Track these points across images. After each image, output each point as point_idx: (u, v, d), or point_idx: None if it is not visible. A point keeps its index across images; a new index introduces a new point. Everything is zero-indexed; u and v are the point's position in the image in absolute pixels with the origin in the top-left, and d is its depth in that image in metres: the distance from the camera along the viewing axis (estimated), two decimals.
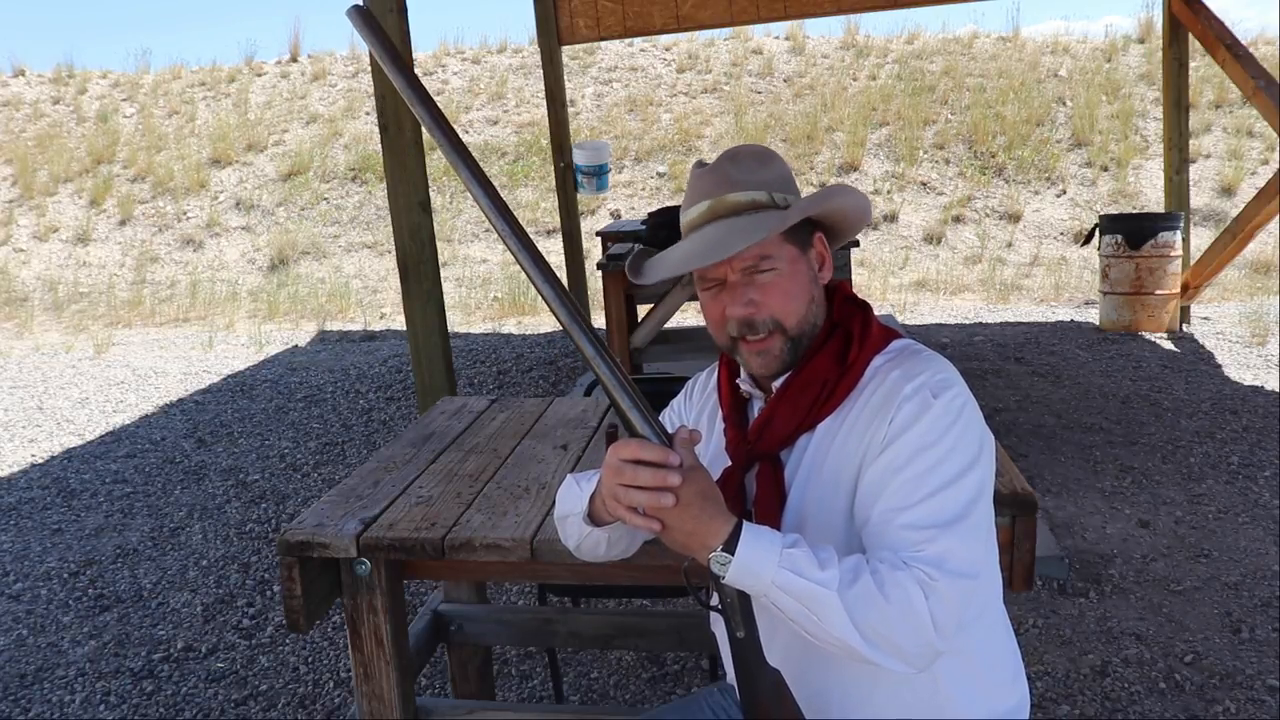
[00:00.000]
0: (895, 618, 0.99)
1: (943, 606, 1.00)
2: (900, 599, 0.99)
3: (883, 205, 9.70)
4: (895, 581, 1.00)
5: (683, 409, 1.40)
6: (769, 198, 1.17)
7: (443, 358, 3.34)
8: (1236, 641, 2.60)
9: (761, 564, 1.00)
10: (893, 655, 1.00)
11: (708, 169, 1.20)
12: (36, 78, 13.58)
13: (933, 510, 1.04)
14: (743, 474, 1.22)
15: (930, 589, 1.00)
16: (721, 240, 1.13)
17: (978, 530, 1.07)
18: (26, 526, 3.93)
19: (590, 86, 12.02)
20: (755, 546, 1.01)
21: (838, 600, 0.98)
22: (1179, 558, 3.09)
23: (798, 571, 0.99)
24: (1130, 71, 11.15)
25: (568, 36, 6.94)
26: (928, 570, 1.01)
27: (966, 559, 1.03)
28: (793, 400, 1.18)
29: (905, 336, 1.24)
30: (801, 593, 0.99)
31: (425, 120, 1.06)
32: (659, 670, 2.63)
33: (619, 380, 1.04)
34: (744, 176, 1.18)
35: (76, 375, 6.51)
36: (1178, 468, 3.84)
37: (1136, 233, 5.96)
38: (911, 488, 1.06)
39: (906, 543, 1.04)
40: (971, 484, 1.07)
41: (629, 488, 1.03)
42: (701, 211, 1.18)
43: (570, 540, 1.28)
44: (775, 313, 1.16)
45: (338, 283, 9.29)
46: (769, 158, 1.21)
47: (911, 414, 1.09)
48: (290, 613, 1.55)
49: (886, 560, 1.03)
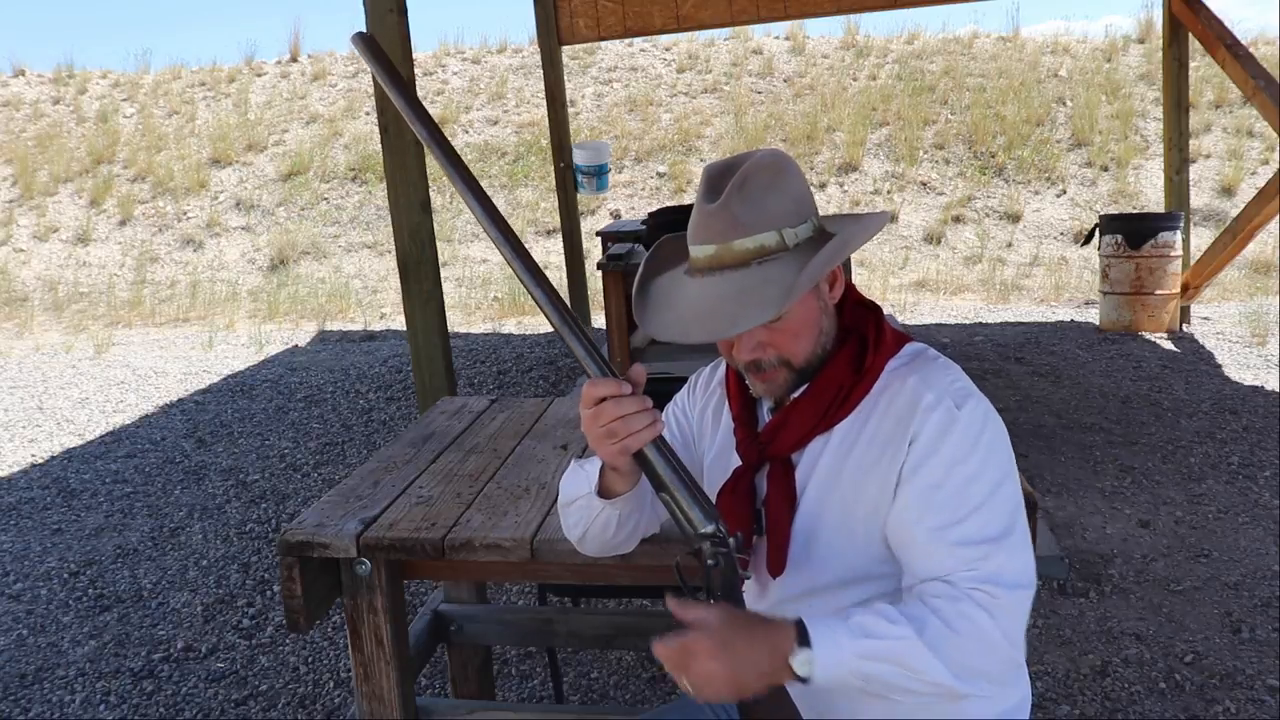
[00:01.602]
0: (972, 648, 1.01)
1: (1009, 619, 1.03)
2: (969, 629, 1.01)
3: (883, 205, 9.70)
4: (959, 613, 1.02)
5: (686, 404, 1.39)
6: (778, 239, 1.12)
7: (443, 358, 3.34)
8: (1236, 641, 2.60)
9: (837, 642, 1.01)
10: (982, 681, 1.03)
11: (714, 207, 1.12)
12: (36, 78, 13.58)
13: (981, 525, 1.06)
14: (753, 474, 1.23)
15: (994, 608, 1.02)
16: (726, 313, 1.11)
17: (1024, 538, 1.09)
18: (26, 526, 3.93)
19: (590, 86, 12.02)
20: (825, 629, 1.01)
21: (920, 644, 1.00)
22: (1179, 558, 3.09)
23: (873, 635, 1.01)
24: (1130, 71, 11.15)
25: (568, 36, 6.93)
26: (987, 589, 1.03)
27: (1021, 569, 1.06)
28: (808, 405, 1.18)
29: (915, 339, 1.24)
30: (886, 653, 1.00)
31: (426, 139, 1.11)
32: (659, 670, 2.62)
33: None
34: (751, 216, 1.11)
35: (76, 375, 6.51)
36: (1178, 468, 3.84)
37: (1136, 233, 5.96)
38: (955, 504, 1.07)
39: (961, 561, 1.05)
40: (1010, 493, 1.10)
41: (609, 423, 1.07)
42: (708, 256, 1.13)
43: (576, 529, 1.27)
44: (782, 353, 1.16)
45: (338, 283, 9.29)
46: (780, 177, 1.13)
47: (939, 427, 1.10)
48: (290, 613, 1.55)
49: (942, 594, 1.04)
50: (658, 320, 1.19)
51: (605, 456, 1.13)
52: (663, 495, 1.11)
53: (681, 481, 1.10)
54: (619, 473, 1.17)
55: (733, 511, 1.21)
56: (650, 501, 1.23)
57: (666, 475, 1.10)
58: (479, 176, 11.86)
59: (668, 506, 1.11)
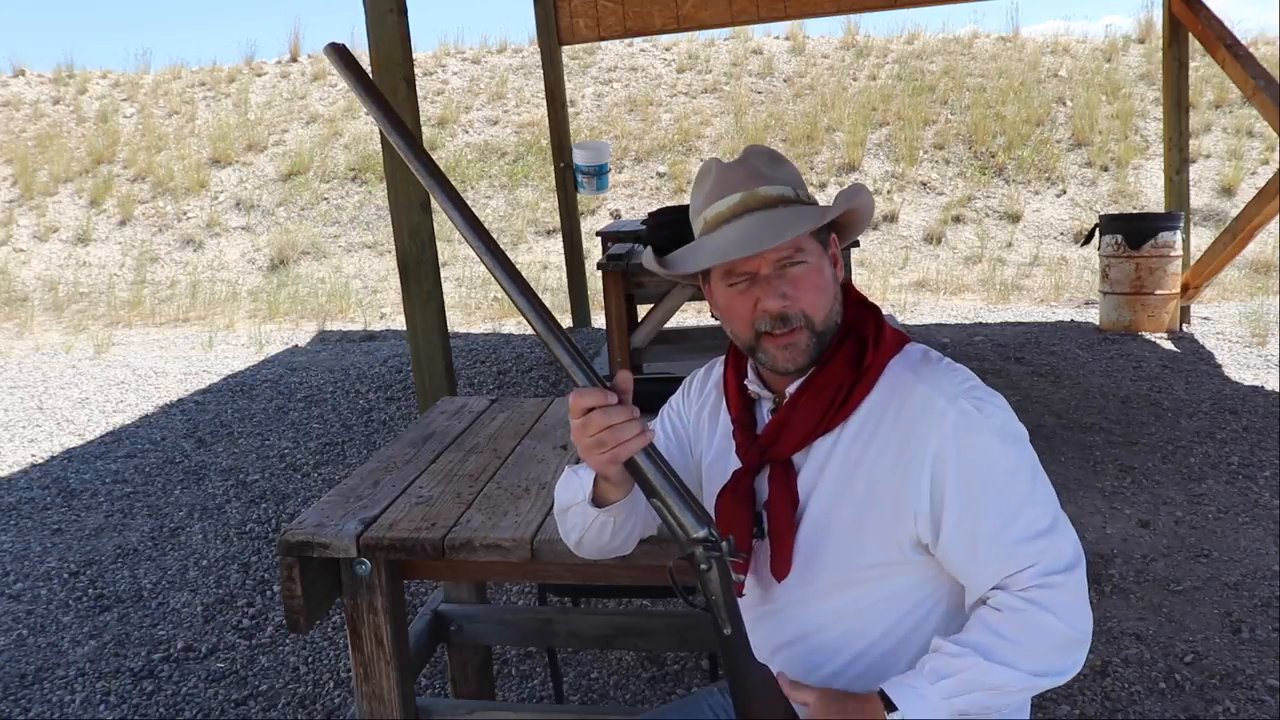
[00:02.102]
0: (1043, 649, 1.07)
1: (1069, 607, 1.08)
2: (1036, 636, 1.07)
3: (883, 205, 9.69)
4: (1022, 625, 1.07)
5: (681, 407, 1.39)
6: (795, 194, 1.20)
7: (443, 358, 3.34)
8: (1236, 641, 2.60)
9: (922, 695, 1.06)
10: (1060, 673, 1.08)
11: (734, 163, 1.21)
12: (36, 78, 13.58)
13: (1033, 520, 1.10)
14: (753, 476, 1.22)
15: (1055, 601, 1.07)
16: (764, 231, 1.14)
17: (1065, 518, 1.14)
18: (26, 526, 3.93)
19: (590, 86, 12.02)
20: (905, 688, 1.07)
21: (998, 667, 1.05)
22: (1179, 558, 3.09)
23: (948, 675, 1.06)
24: (1130, 71, 11.15)
25: (568, 36, 6.94)
26: (1049, 582, 1.08)
27: (1073, 548, 1.11)
28: (808, 405, 1.18)
29: (914, 340, 1.24)
30: (967, 685, 1.06)
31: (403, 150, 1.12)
32: (659, 670, 2.63)
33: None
34: (772, 170, 1.20)
35: (76, 375, 6.50)
36: (1178, 468, 3.84)
37: (1136, 233, 5.96)
38: (1003, 505, 1.11)
39: (1023, 559, 1.09)
40: (1044, 478, 1.15)
41: (597, 433, 1.07)
42: (733, 204, 1.18)
43: (573, 534, 1.27)
44: (806, 307, 1.17)
45: (338, 283, 9.29)
46: (784, 159, 1.24)
47: (965, 433, 1.12)
48: (290, 613, 1.55)
49: (1003, 606, 1.08)
50: (690, 256, 1.21)
51: (595, 466, 1.13)
52: (654, 501, 1.11)
53: (673, 487, 1.10)
54: (611, 481, 1.17)
55: (732, 514, 1.21)
56: (645, 506, 1.23)
57: (657, 482, 1.10)
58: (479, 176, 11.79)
59: (659, 513, 1.11)
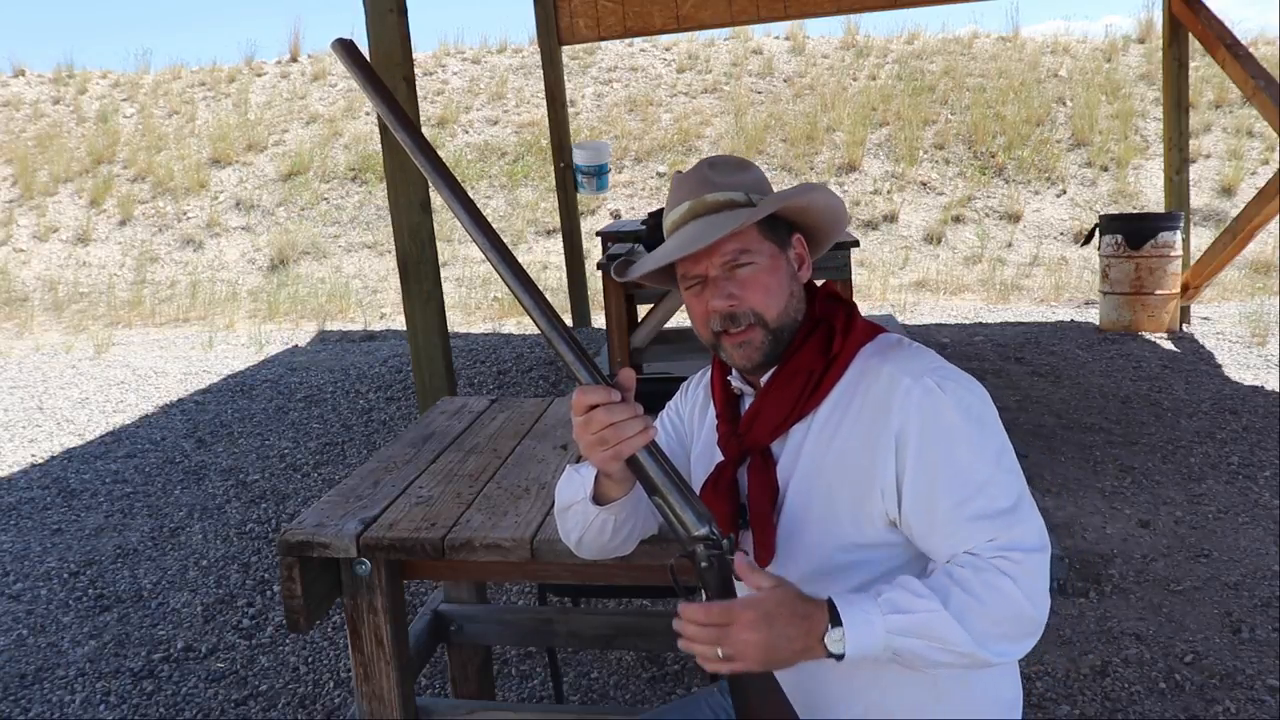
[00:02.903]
0: (998, 614, 1.04)
1: (1031, 584, 1.05)
2: (994, 597, 1.04)
3: (883, 205, 9.70)
4: (984, 583, 1.04)
5: (679, 406, 1.42)
6: (745, 197, 1.22)
7: (443, 358, 3.34)
8: (1236, 641, 2.60)
9: (869, 619, 1.03)
10: (1009, 647, 1.06)
11: (687, 174, 1.26)
12: (36, 78, 13.58)
13: (993, 497, 1.09)
14: (735, 468, 1.25)
15: (1017, 573, 1.04)
16: (700, 234, 1.19)
17: (1032, 502, 1.12)
18: (26, 526, 3.93)
19: (590, 86, 12.02)
20: (855, 607, 1.04)
21: (948, 616, 1.02)
22: (1179, 558, 3.09)
23: (902, 610, 1.03)
24: (1130, 71, 11.15)
25: (568, 36, 6.94)
26: (1009, 555, 1.05)
27: (1036, 532, 1.09)
28: (779, 392, 1.21)
29: (890, 332, 1.26)
30: (915, 627, 1.03)
31: (410, 146, 1.12)
32: (659, 670, 2.63)
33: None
34: (721, 179, 1.23)
35: (76, 375, 6.51)
36: (1178, 468, 3.84)
37: (1136, 233, 5.96)
38: (964, 480, 1.09)
39: (982, 534, 1.07)
40: (1011, 460, 1.13)
41: (600, 431, 1.08)
42: (682, 212, 1.23)
43: (573, 533, 1.28)
44: (755, 305, 1.20)
45: (338, 283, 9.29)
46: (746, 165, 1.26)
47: (926, 409, 1.12)
48: (290, 613, 1.55)
49: (966, 564, 1.06)
50: (641, 264, 1.28)
51: (598, 463, 1.14)
52: (655, 499, 1.12)
53: (674, 485, 1.11)
54: (612, 479, 1.18)
55: (715, 505, 1.23)
56: (646, 505, 1.24)
57: (659, 479, 1.11)
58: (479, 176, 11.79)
59: (661, 510, 1.12)
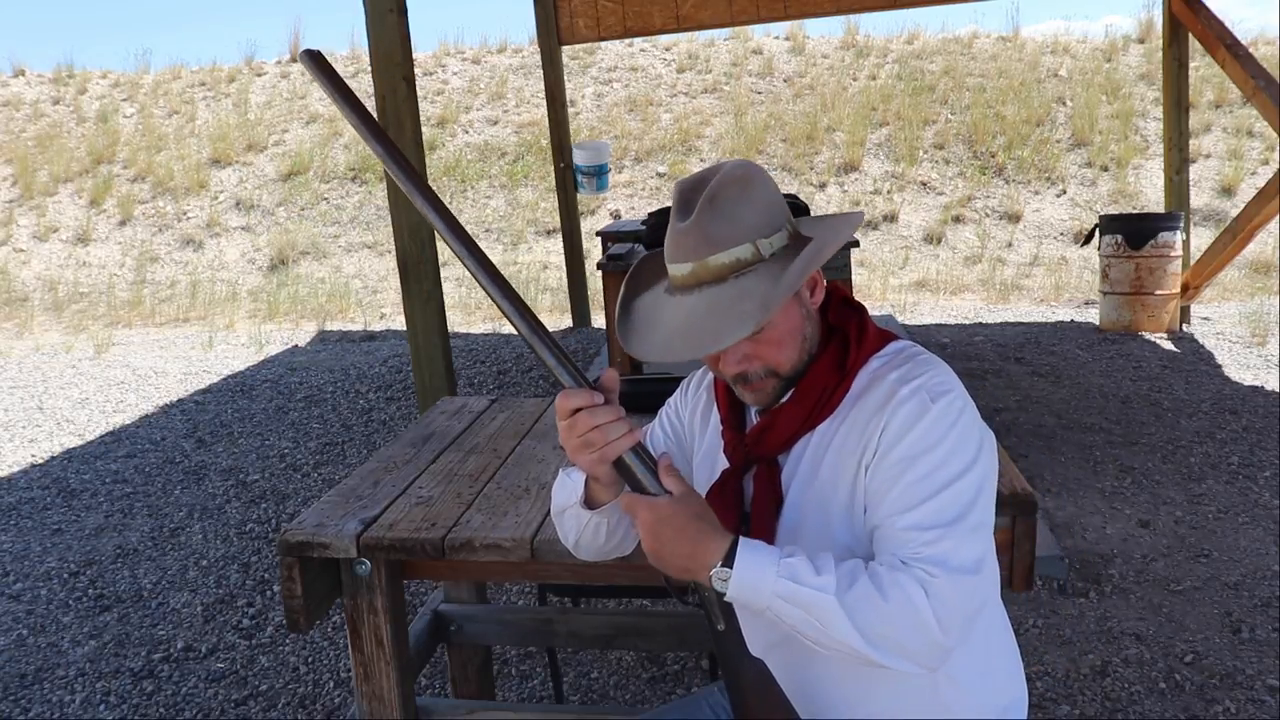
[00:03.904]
0: (896, 617, 1.01)
1: (944, 604, 1.01)
2: (900, 599, 1.01)
3: (883, 205, 9.70)
4: (894, 582, 1.02)
5: (679, 406, 1.41)
6: (753, 251, 1.11)
7: (443, 358, 3.34)
8: (1236, 641, 2.60)
9: (761, 576, 1.02)
10: (899, 656, 1.02)
11: (687, 225, 1.12)
12: (36, 78, 13.58)
13: (934, 511, 1.06)
14: (740, 476, 1.23)
15: (931, 587, 1.01)
16: (708, 329, 1.10)
17: (978, 528, 1.08)
18: (26, 526, 3.93)
19: (590, 86, 12.02)
20: (752, 559, 1.03)
21: (836, 604, 1.00)
22: (1179, 558, 3.09)
23: (796, 579, 1.02)
24: (1130, 71, 11.15)
25: (568, 36, 6.94)
26: (928, 569, 1.02)
27: (967, 556, 1.05)
28: (793, 409, 1.19)
29: (902, 339, 1.24)
30: (803, 600, 1.01)
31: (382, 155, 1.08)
32: (659, 670, 2.63)
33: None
34: (724, 230, 1.11)
35: (76, 375, 6.51)
36: (1178, 468, 3.84)
37: (1136, 233, 5.96)
38: (914, 490, 1.07)
39: (909, 543, 1.05)
40: (971, 483, 1.08)
41: (585, 434, 1.07)
42: (685, 275, 1.14)
43: (569, 536, 1.28)
44: (769, 362, 1.16)
45: (338, 283, 9.30)
46: (749, 188, 1.13)
47: (910, 417, 1.10)
48: (290, 613, 1.55)
49: (886, 563, 1.05)
50: (640, 341, 1.19)
51: (584, 466, 1.12)
52: None
53: (662, 487, 1.10)
54: (601, 483, 1.17)
55: (720, 513, 1.22)
56: None
57: (647, 481, 1.10)
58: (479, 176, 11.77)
59: None
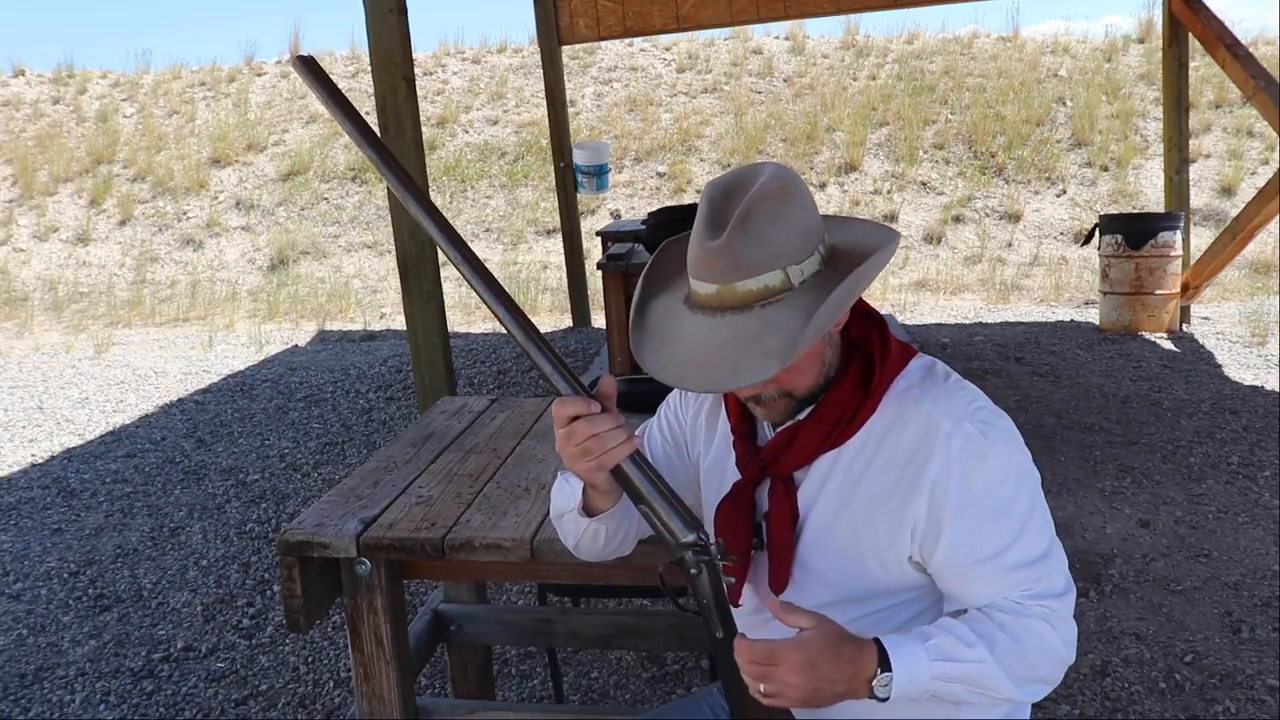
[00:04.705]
0: (1037, 658, 1.07)
1: (1066, 627, 1.09)
2: (1034, 642, 1.07)
3: (883, 205, 9.70)
4: (1024, 628, 1.07)
5: (679, 406, 1.37)
6: (783, 279, 1.05)
7: (443, 358, 3.34)
8: (1236, 641, 2.60)
9: (916, 666, 1.04)
10: (1041, 687, 1.10)
11: (717, 245, 1.05)
12: (36, 78, 13.58)
13: (1028, 547, 1.10)
14: (753, 488, 1.22)
15: (1054, 619, 1.08)
16: (728, 362, 1.06)
17: (1059, 545, 1.14)
18: (26, 526, 3.93)
19: (590, 86, 12.02)
20: (905, 656, 1.04)
21: (996, 667, 1.05)
22: (1179, 558, 3.09)
23: (950, 659, 1.05)
24: (1130, 71, 11.15)
25: (568, 36, 6.94)
26: (1045, 604, 1.08)
27: (1063, 580, 1.11)
28: (813, 428, 1.16)
29: (919, 352, 1.22)
30: (962, 675, 1.05)
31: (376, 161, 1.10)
32: (659, 670, 2.63)
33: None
34: (755, 254, 1.04)
35: (76, 375, 6.50)
36: (1178, 468, 3.84)
37: (1136, 233, 5.96)
38: (1002, 531, 1.10)
39: (1019, 584, 1.09)
40: (1042, 505, 1.14)
41: (582, 442, 1.06)
42: (708, 295, 1.08)
43: (569, 538, 1.28)
44: (786, 387, 1.14)
45: (338, 283, 9.29)
46: (786, 206, 1.06)
47: (968, 457, 1.09)
48: (290, 613, 1.55)
49: (1007, 610, 1.09)
50: (655, 357, 1.14)
51: (582, 474, 1.12)
52: (642, 508, 1.11)
53: (660, 493, 1.09)
54: (599, 490, 1.16)
55: (732, 524, 1.21)
56: (637, 511, 1.22)
57: (645, 488, 1.09)
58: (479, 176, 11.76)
59: (648, 518, 1.11)
